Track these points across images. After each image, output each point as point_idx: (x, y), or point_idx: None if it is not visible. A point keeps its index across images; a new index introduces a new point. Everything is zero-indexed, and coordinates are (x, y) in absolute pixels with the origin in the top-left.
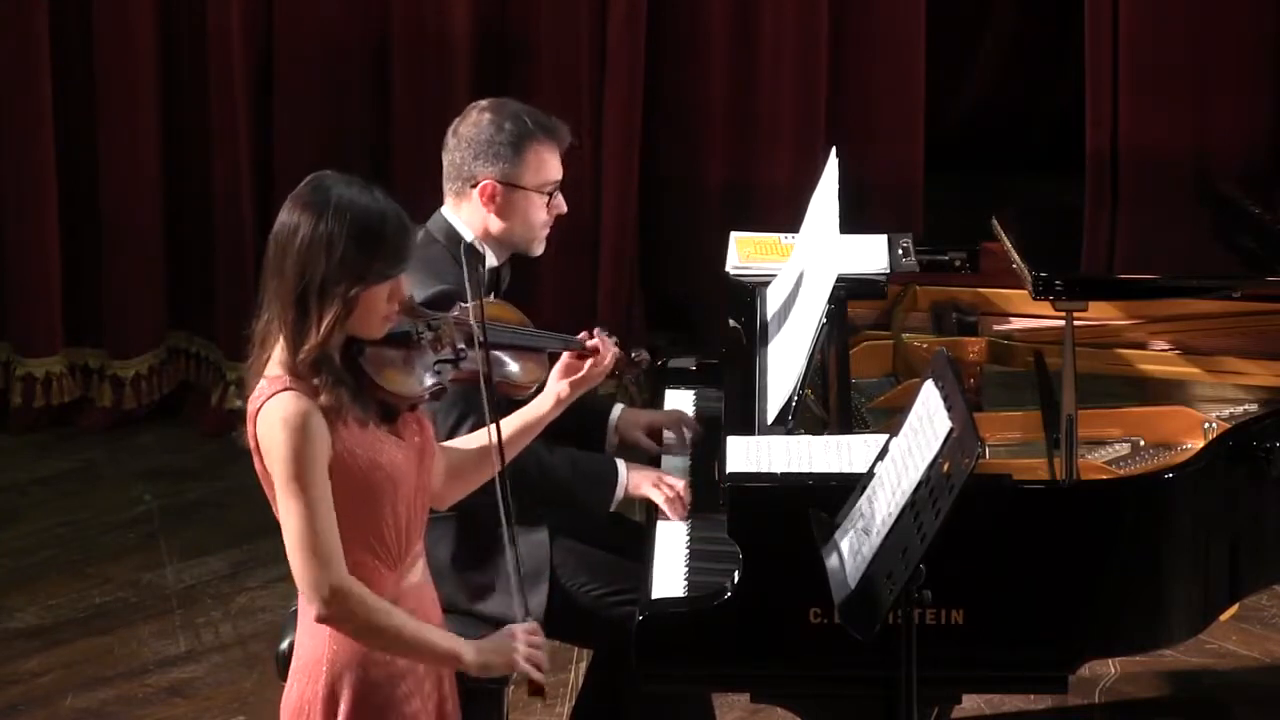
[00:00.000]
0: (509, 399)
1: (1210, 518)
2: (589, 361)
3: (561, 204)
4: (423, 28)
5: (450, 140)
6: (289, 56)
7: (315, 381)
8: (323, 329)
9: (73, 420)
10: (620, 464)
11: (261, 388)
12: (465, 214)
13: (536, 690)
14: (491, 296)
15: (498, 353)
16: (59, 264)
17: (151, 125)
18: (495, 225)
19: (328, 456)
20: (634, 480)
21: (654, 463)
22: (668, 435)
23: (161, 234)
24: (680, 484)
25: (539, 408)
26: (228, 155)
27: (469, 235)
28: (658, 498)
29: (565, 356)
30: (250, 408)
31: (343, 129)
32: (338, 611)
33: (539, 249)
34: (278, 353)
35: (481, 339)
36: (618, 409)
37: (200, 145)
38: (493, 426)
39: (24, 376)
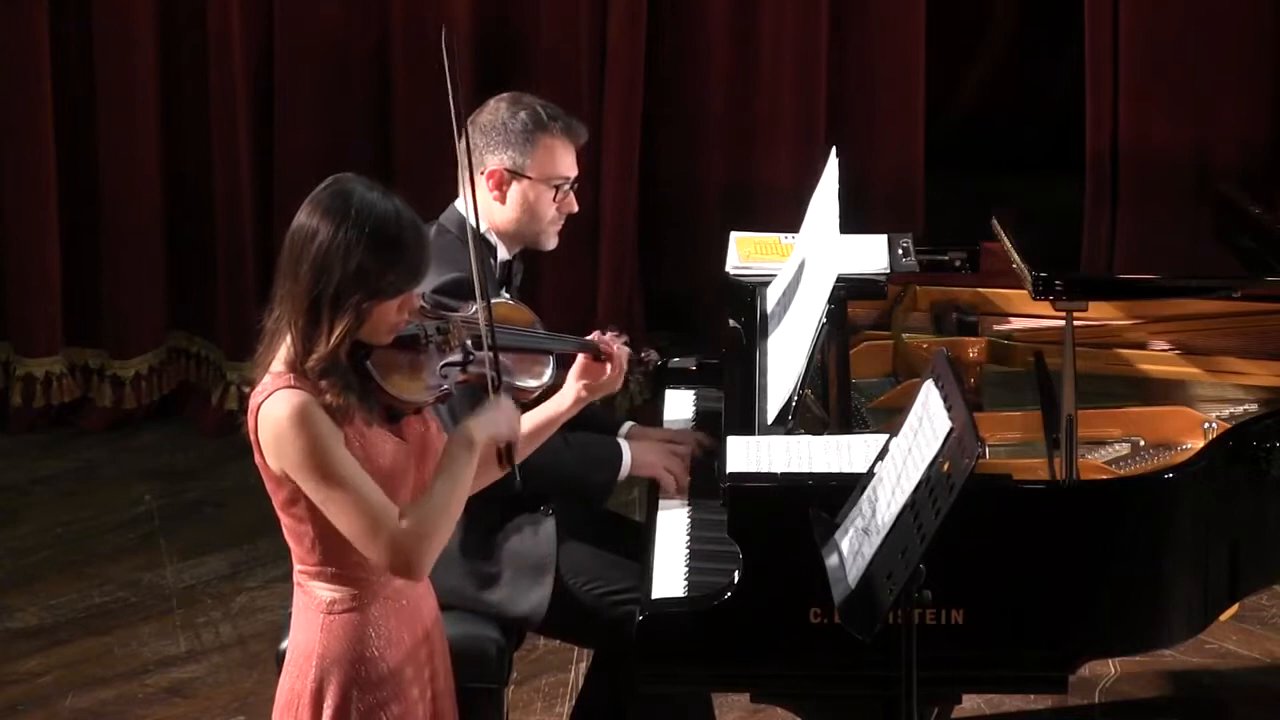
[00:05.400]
0: (515, 402)
1: (1210, 518)
2: (609, 366)
3: (573, 202)
4: (423, 28)
5: (468, 129)
6: (289, 56)
7: (322, 384)
8: (333, 339)
9: (73, 420)
10: (624, 445)
11: (265, 383)
12: (475, 204)
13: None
14: (504, 291)
15: (505, 355)
16: (59, 264)
17: (151, 125)
18: (502, 215)
19: (340, 437)
20: (639, 459)
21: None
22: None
23: (161, 234)
24: (684, 463)
25: (556, 406)
26: (228, 155)
27: (481, 225)
28: (663, 478)
29: (582, 358)
30: (252, 402)
31: (343, 129)
32: (408, 556)
33: (549, 243)
34: (284, 350)
35: (490, 342)
36: (627, 425)
37: (200, 145)
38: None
39: (24, 376)
